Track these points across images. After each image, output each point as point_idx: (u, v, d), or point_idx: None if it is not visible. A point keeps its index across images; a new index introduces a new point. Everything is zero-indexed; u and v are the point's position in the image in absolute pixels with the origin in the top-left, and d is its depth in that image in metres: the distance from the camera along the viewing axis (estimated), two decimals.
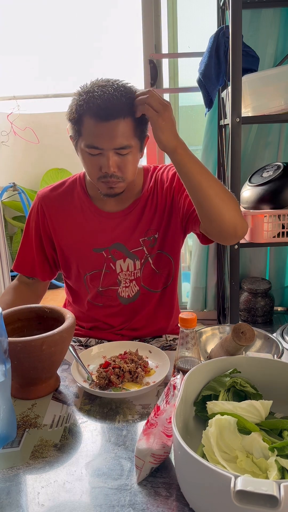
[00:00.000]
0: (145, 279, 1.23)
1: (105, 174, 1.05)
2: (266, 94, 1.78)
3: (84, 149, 1.05)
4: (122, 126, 1.01)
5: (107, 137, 1.01)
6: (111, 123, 1.00)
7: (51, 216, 1.21)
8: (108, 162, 1.03)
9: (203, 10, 2.44)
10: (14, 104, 3.32)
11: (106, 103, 0.98)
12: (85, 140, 1.04)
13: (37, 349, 0.84)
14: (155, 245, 1.21)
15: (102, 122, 1.00)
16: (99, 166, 1.05)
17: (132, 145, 1.05)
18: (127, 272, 1.21)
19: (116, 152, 1.03)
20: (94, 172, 1.07)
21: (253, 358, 0.81)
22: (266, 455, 0.64)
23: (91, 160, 1.06)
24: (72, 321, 0.91)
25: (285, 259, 2.52)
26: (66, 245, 1.22)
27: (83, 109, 1.01)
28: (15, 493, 0.67)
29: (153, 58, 2.39)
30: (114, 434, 0.79)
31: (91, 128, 1.01)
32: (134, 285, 1.23)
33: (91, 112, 1.00)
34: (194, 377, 0.76)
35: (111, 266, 1.21)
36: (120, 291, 1.23)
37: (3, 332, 0.74)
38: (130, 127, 1.03)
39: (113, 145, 1.02)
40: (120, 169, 1.06)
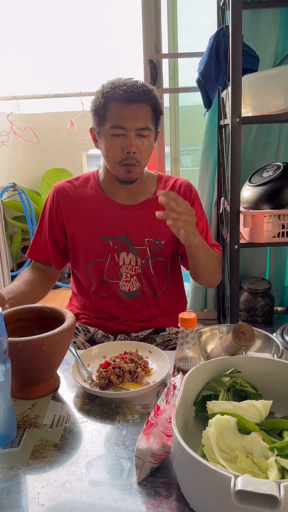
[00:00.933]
0: (145, 278, 1.28)
1: (127, 156, 1.17)
2: (266, 94, 1.78)
3: (109, 131, 1.17)
4: (144, 110, 1.17)
5: (132, 118, 1.15)
6: (135, 106, 1.15)
7: (65, 204, 1.29)
8: (131, 141, 1.16)
9: (203, 10, 2.44)
10: (14, 104, 3.32)
11: (131, 89, 1.15)
12: (111, 122, 1.16)
13: (37, 349, 0.84)
14: (159, 250, 1.27)
15: (128, 104, 1.15)
16: (121, 148, 1.17)
17: (151, 129, 1.19)
18: (129, 266, 1.27)
19: (137, 133, 1.16)
20: (116, 154, 1.18)
21: (253, 358, 0.81)
22: (266, 455, 0.64)
23: (114, 142, 1.17)
24: (72, 321, 0.91)
25: (285, 259, 2.52)
26: (76, 231, 1.28)
27: (110, 95, 1.16)
28: (15, 493, 0.67)
29: (153, 58, 2.39)
30: (114, 434, 0.79)
31: (117, 110, 1.16)
32: (135, 280, 1.28)
33: (117, 96, 1.15)
34: (194, 377, 0.76)
35: (115, 258, 1.27)
36: (121, 285, 1.28)
37: (3, 332, 0.74)
38: (149, 113, 1.18)
39: (136, 125, 1.16)
40: (139, 152, 1.18)
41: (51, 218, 1.31)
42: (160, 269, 1.30)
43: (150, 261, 1.28)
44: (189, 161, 2.88)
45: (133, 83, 1.17)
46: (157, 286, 1.31)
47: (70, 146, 3.67)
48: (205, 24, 2.42)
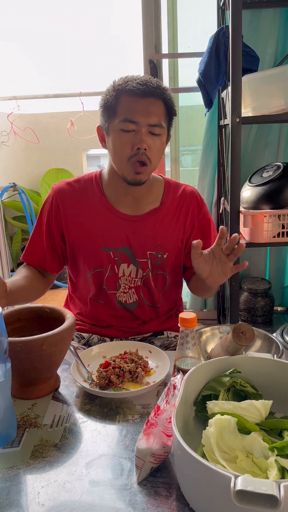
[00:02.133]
0: (144, 291, 1.24)
1: (137, 152, 1.09)
2: (266, 94, 1.78)
3: (118, 126, 1.09)
4: (157, 105, 1.09)
5: (144, 112, 1.08)
6: (148, 100, 1.08)
7: (65, 209, 1.21)
8: (141, 137, 1.08)
9: (203, 10, 2.44)
10: (14, 104, 3.32)
11: (144, 82, 1.08)
12: (121, 116, 1.09)
13: (37, 349, 0.84)
14: (160, 263, 1.22)
15: (140, 99, 1.08)
16: (131, 144, 1.09)
17: (164, 127, 1.12)
18: (128, 278, 1.22)
19: (149, 130, 1.09)
20: (125, 151, 1.10)
21: (253, 358, 0.81)
22: (266, 455, 0.64)
23: (124, 138, 1.09)
24: (72, 321, 0.91)
25: (285, 259, 2.52)
26: (76, 240, 1.22)
27: (121, 88, 1.09)
28: (15, 493, 0.67)
29: (153, 58, 2.39)
30: (114, 434, 0.79)
31: (128, 104, 1.09)
32: (133, 293, 1.23)
33: (130, 89, 1.08)
34: (194, 377, 0.76)
35: (114, 269, 1.21)
36: (117, 295, 1.23)
37: (3, 332, 0.74)
38: (162, 110, 1.11)
39: (148, 120, 1.08)
40: (150, 150, 1.10)
41: (50, 222, 1.23)
42: (160, 281, 1.25)
43: (151, 274, 1.22)
44: (189, 161, 2.88)
45: (147, 78, 1.11)
46: (157, 297, 1.25)
47: (70, 146, 3.67)
48: (205, 24, 2.42)
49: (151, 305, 1.26)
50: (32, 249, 1.27)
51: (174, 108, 1.15)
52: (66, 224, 1.22)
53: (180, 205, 1.24)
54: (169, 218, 1.22)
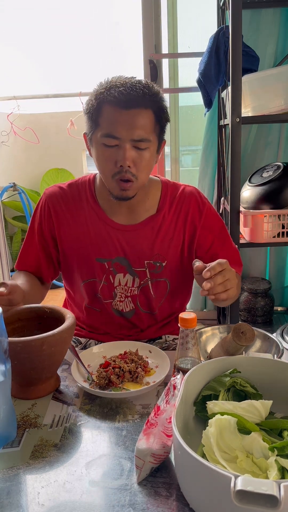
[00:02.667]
0: (141, 299, 1.20)
1: (120, 170, 1.01)
2: (266, 94, 1.78)
3: (100, 140, 1.01)
4: (142, 117, 0.99)
5: (127, 126, 0.98)
6: (132, 111, 0.98)
7: (58, 216, 1.16)
8: (125, 154, 0.99)
9: (203, 10, 2.44)
10: (14, 104, 3.32)
11: (128, 91, 0.97)
12: (103, 130, 1.01)
13: (38, 349, 0.84)
14: (159, 272, 1.17)
15: (123, 110, 0.98)
16: (114, 161, 1.01)
17: (151, 140, 1.02)
18: (124, 287, 1.18)
19: (133, 145, 1.00)
20: (109, 167, 1.03)
21: (253, 358, 0.81)
22: (266, 455, 0.64)
23: (107, 153, 1.02)
24: (73, 321, 0.91)
25: (285, 259, 2.52)
26: (69, 249, 1.17)
27: (103, 97, 0.99)
28: (15, 493, 0.67)
29: (153, 58, 2.39)
30: (114, 434, 0.79)
31: (110, 116, 0.99)
32: (130, 301, 1.19)
33: (112, 99, 0.98)
34: (194, 377, 0.76)
35: (110, 279, 1.17)
36: (114, 304, 1.20)
37: (3, 332, 0.74)
38: (150, 121, 1.01)
39: (131, 135, 0.99)
40: (135, 165, 1.02)
41: (42, 229, 1.18)
42: (160, 289, 1.19)
43: (150, 282, 1.17)
44: (189, 161, 2.88)
45: (132, 84, 0.98)
46: (155, 304, 1.20)
47: (70, 146, 3.67)
48: (205, 24, 2.42)
49: (148, 312, 1.22)
50: (26, 257, 1.22)
51: (166, 115, 1.05)
52: (59, 231, 1.17)
53: (178, 209, 1.16)
54: (167, 225, 1.15)
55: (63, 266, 1.23)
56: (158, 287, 1.19)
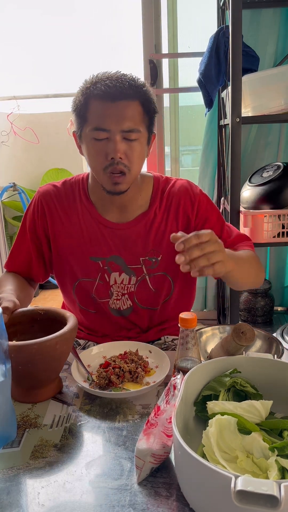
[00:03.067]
0: (139, 295, 1.18)
1: (111, 162, 1.01)
2: (266, 94, 1.78)
3: (90, 135, 1.01)
4: (130, 108, 1.00)
5: (115, 118, 0.99)
6: (119, 103, 0.99)
7: (51, 214, 1.15)
8: (115, 146, 0.99)
9: (203, 10, 2.44)
10: (14, 104, 3.32)
11: (114, 83, 0.98)
12: (92, 124, 1.01)
13: (52, 349, 0.83)
14: (155, 267, 1.16)
15: (110, 103, 0.98)
16: (105, 153, 1.01)
17: (141, 130, 1.02)
18: (120, 285, 1.17)
19: (123, 136, 1.00)
20: (100, 161, 1.02)
21: (253, 358, 0.81)
22: (266, 455, 0.64)
23: (97, 147, 1.01)
24: (75, 320, 0.91)
25: (285, 259, 2.52)
26: (63, 248, 1.16)
27: (90, 92, 1.00)
28: (15, 493, 0.67)
29: (153, 58, 2.39)
30: (114, 434, 0.79)
31: (98, 110, 1.00)
32: (126, 299, 1.18)
33: (98, 93, 0.99)
34: (194, 377, 0.76)
35: (105, 278, 1.16)
36: (110, 303, 1.19)
37: (3, 333, 0.74)
38: (138, 112, 1.01)
39: (120, 126, 0.99)
40: (127, 157, 1.01)
41: (35, 227, 1.17)
42: (160, 282, 1.17)
43: (148, 277, 1.16)
44: (189, 161, 2.88)
45: (118, 77, 0.99)
46: (154, 300, 1.18)
47: (70, 146, 3.65)
48: (205, 24, 2.42)
49: (148, 308, 1.20)
50: (16, 256, 1.21)
51: (153, 106, 1.05)
52: (52, 229, 1.16)
53: (169, 202, 1.15)
54: (159, 220, 1.15)
55: (56, 266, 1.21)
56: (158, 281, 1.17)
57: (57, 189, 1.18)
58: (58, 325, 0.91)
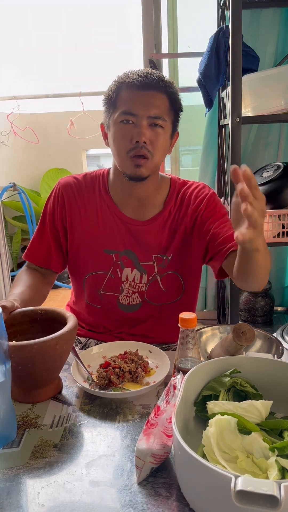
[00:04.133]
0: (149, 294, 1.20)
1: (136, 145, 1.05)
2: (266, 94, 1.78)
3: (118, 118, 1.07)
4: (158, 98, 1.06)
5: (143, 104, 1.05)
6: (148, 93, 1.05)
7: (70, 205, 1.18)
8: (141, 129, 1.04)
9: (203, 10, 2.44)
10: (14, 104, 3.32)
11: (145, 75, 1.06)
12: (121, 109, 1.06)
13: (52, 349, 0.84)
14: (166, 266, 1.18)
15: (140, 91, 1.05)
16: (130, 137, 1.05)
17: (166, 120, 1.08)
18: (132, 283, 1.19)
19: (150, 123, 1.05)
20: (125, 144, 1.06)
21: (253, 358, 0.81)
22: (267, 455, 0.64)
23: (124, 130, 1.06)
24: (75, 320, 0.91)
25: (285, 259, 2.52)
26: (79, 239, 1.19)
27: (122, 81, 1.07)
28: (15, 493, 0.67)
29: (153, 58, 2.39)
30: (114, 434, 0.79)
31: (127, 96, 1.06)
32: (137, 297, 1.20)
33: (129, 81, 1.06)
34: (194, 377, 0.76)
35: (117, 272, 1.18)
36: (120, 298, 1.20)
37: (3, 333, 0.74)
38: (165, 103, 1.07)
39: (148, 112, 1.04)
40: (151, 143, 1.06)
41: (54, 218, 1.19)
42: (171, 282, 1.20)
43: (159, 278, 1.18)
44: (189, 161, 2.88)
45: (148, 71, 1.07)
46: (164, 298, 1.20)
47: (70, 146, 3.67)
48: (205, 24, 2.42)
49: (157, 305, 1.21)
50: (36, 246, 1.22)
51: (180, 103, 1.12)
52: (70, 220, 1.19)
53: (182, 201, 1.19)
54: (172, 218, 1.18)
55: (70, 258, 1.23)
56: (168, 281, 1.19)
57: (78, 181, 1.21)
58: (58, 325, 0.91)
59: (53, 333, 0.85)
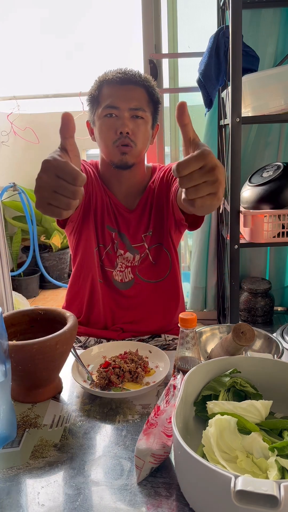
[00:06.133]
0: (141, 269, 1.26)
1: (120, 136, 1.13)
2: (266, 94, 1.78)
3: (102, 113, 1.15)
4: (137, 91, 1.15)
5: (124, 98, 1.13)
6: (128, 87, 1.15)
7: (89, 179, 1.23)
8: (124, 121, 1.13)
9: (203, 10, 2.44)
10: (14, 104, 3.32)
11: (123, 71, 1.16)
12: (104, 104, 1.14)
13: (52, 349, 0.84)
14: (150, 240, 1.26)
15: (120, 86, 1.14)
16: (114, 129, 1.13)
17: (146, 110, 1.16)
18: (125, 257, 1.26)
19: (131, 114, 1.14)
20: (110, 136, 1.14)
21: (253, 358, 0.81)
22: (266, 455, 0.64)
23: (108, 123, 1.14)
24: (75, 320, 0.92)
25: (285, 259, 2.52)
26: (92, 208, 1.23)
27: (103, 79, 1.17)
28: (15, 493, 0.67)
29: (153, 58, 2.39)
30: (114, 434, 0.79)
31: (109, 92, 1.15)
32: (129, 272, 1.26)
33: (109, 78, 1.15)
34: (194, 377, 0.76)
35: (114, 248, 1.25)
36: (114, 274, 1.25)
37: (3, 333, 0.74)
38: (143, 96, 1.16)
39: (128, 104, 1.13)
40: (133, 134, 1.14)
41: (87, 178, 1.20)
42: (158, 254, 1.26)
43: (148, 251, 1.25)
44: None
45: (126, 68, 1.17)
46: (155, 273, 1.26)
47: None
48: (205, 24, 2.42)
49: (149, 282, 1.26)
50: None
51: (157, 96, 1.20)
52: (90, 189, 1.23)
53: (158, 180, 1.27)
54: (150, 198, 1.26)
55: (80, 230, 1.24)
56: (156, 253, 1.26)
57: (85, 162, 1.29)
58: (58, 325, 0.91)
59: (53, 333, 0.85)
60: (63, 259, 3.66)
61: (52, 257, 3.60)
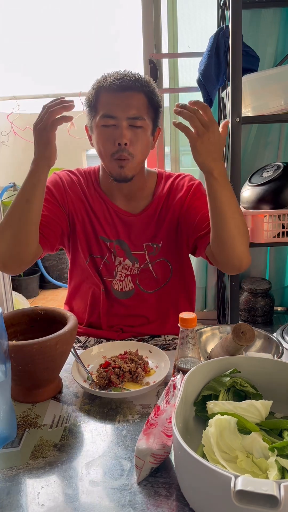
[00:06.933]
0: (141, 278, 1.24)
1: (118, 148, 1.09)
2: (266, 94, 1.78)
3: (99, 122, 1.11)
4: (135, 98, 1.10)
5: (122, 106, 1.08)
6: (126, 94, 1.09)
7: (72, 191, 1.21)
8: (122, 131, 1.08)
9: (203, 10, 2.44)
10: (14, 104, 3.32)
11: (122, 77, 1.10)
12: (101, 112, 1.10)
13: (52, 349, 0.84)
14: (157, 253, 1.22)
15: (117, 93, 1.09)
16: (112, 140, 1.09)
17: (145, 118, 1.11)
18: (125, 265, 1.23)
19: (129, 123, 1.09)
20: (108, 147, 1.10)
21: (253, 358, 0.81)
22: (266, 455, 0.64)
23: (105, 133, 1.10)
24: (75, 320, 0.92)
25: (285, 259, 2.52)
26: (77, 225, 1.22)
27: (100, 85, 1.12)
28: (15, 493, 0.67)
29: (153, 58, 2.39)
30: (114, 434, 0.79)
31: (106, 100, 1.10)
32: (129, 281, 1.24)
33: (107, 85, 1.10)
34: (194, 377, 0.76)
35: (112, 258, 1.23)
36: (114, 283, 1.24)
37: (3, 333, 0.74)
38: (143, 102, 1.11)
39: (126, 113, 1.08)
40: (132, 144, 1.09)
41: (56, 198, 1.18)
42: (161, 269, 1.23)
43: (151, 265, 1.22)
44: (189, 161, 2.87)
45: (126, 73, 1.11)
46: (156, 284, 1.24)
47: (70, 146, 3.66)
48: (205, 24, 2.42)
49: (149, 293, 1.24)
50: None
51: (157, 100, 1.15)
52: (72, 206, 1.20)
53: (169, 191, 1.23)
54: (160, 208, 1.22)
55: (73, 242, 1.24)
56: (159, 267, 1.23)
57: (71, 172, 1.27)
58: (58, 325, 0.91)
59: (53, 333, 0.85)
60: (63, 259, 3.66)
61: (52, 257, 3.60)
